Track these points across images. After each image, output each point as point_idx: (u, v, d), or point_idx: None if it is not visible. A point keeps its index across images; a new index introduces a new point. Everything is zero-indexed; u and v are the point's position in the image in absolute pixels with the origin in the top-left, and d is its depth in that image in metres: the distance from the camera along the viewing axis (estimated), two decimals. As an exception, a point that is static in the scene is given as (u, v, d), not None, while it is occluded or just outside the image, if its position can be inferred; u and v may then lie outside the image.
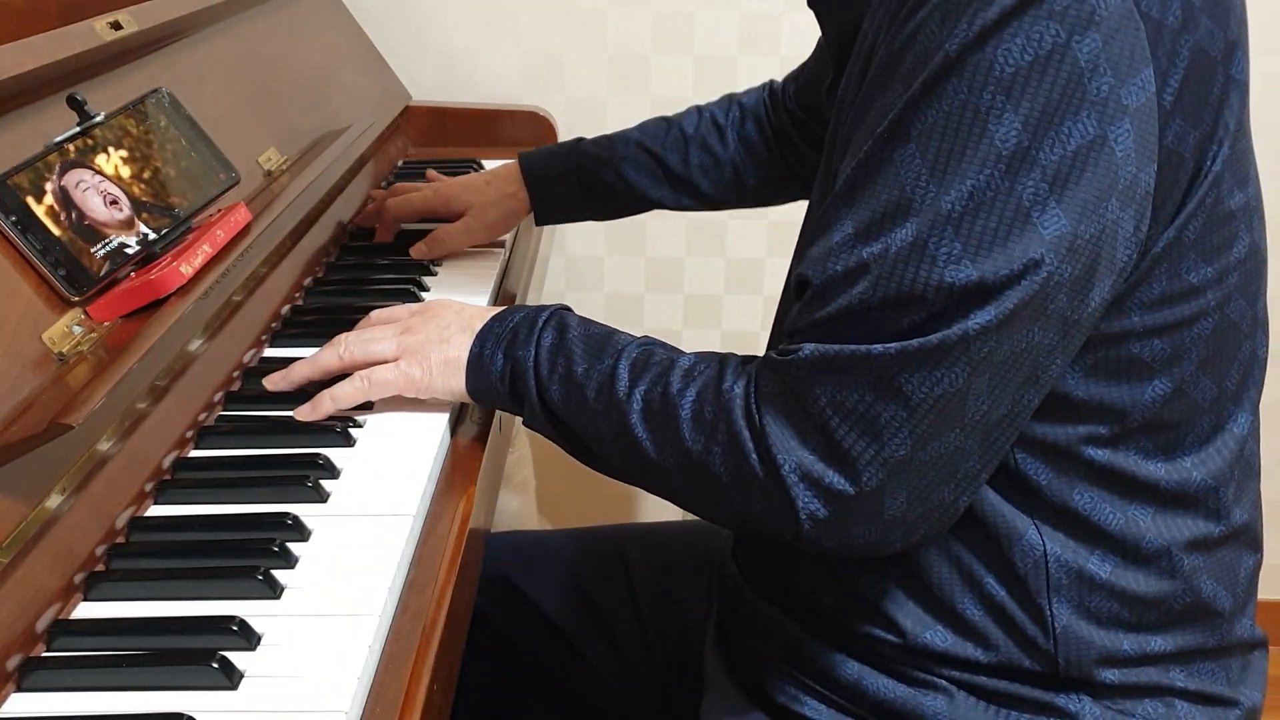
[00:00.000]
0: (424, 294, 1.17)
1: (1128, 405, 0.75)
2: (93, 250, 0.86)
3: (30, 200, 0.83)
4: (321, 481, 0.83)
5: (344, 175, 1.32)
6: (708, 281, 1.90)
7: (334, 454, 0.86)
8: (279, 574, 0.73)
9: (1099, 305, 0.70)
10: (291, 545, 0.76)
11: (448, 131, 1.68)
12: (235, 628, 0.68)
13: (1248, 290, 0.77)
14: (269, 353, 1.03)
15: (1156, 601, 0.79)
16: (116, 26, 0.99)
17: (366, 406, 0.92)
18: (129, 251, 0.90)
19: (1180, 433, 0.78)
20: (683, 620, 1.04)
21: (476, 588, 0.88)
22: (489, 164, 1.58)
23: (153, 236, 0.93)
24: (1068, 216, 0.67)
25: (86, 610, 0.71)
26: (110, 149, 0.94)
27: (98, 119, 0.93)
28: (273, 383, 0.94)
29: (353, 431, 0.90)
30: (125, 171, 0.94)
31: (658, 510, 1.92)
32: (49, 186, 0.86)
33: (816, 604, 0.85)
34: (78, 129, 0.91)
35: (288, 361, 0.96)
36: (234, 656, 0.66)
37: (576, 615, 1.07)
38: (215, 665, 0.65)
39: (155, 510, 0.81)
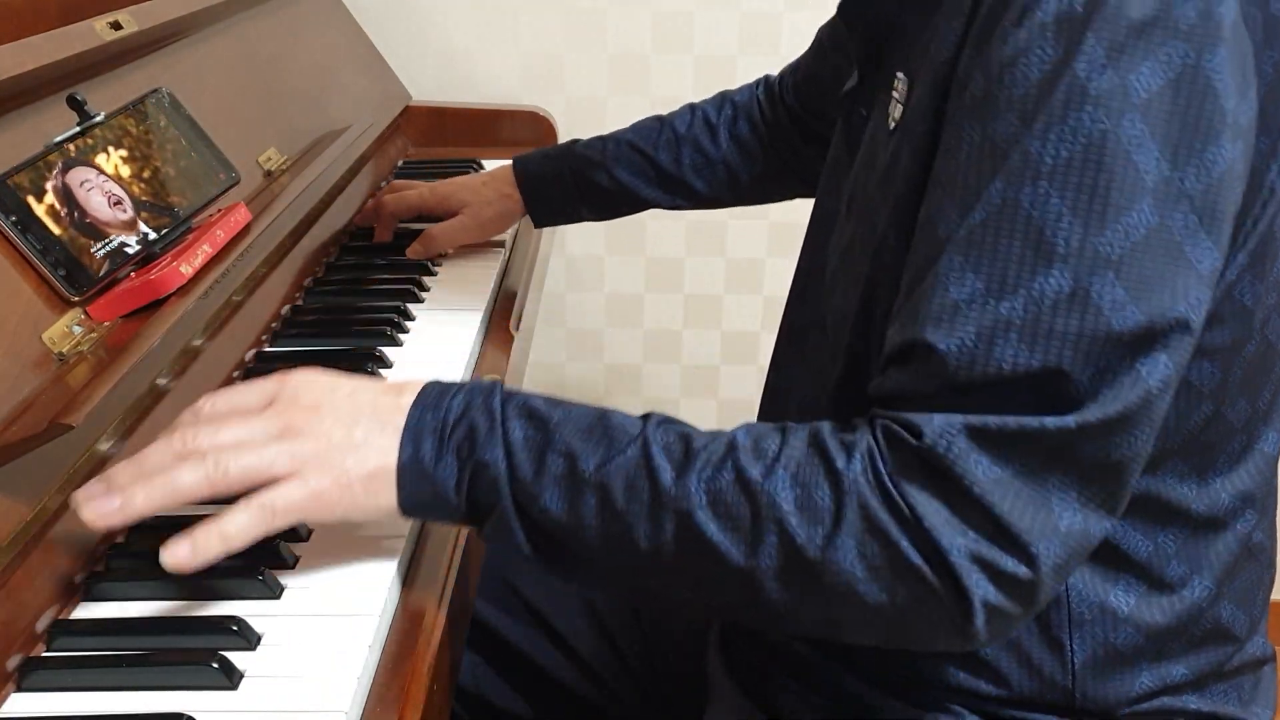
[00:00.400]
0: (424, 294, 1.17)
1: (1172, 429, 0.72)
2: (93, 250, 0.86)
3: (30, 200, 0.83)
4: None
5: (344, 175, 1.32)
6: (708, 281, 1.90)
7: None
8: (279, 574, 0.73)
9: None
10: (291, 545, 0.76)
11: (448, 131, 1.68)
12: (235, 628, 0.68)
13: None
14: (270, 350, 1.03)
15: (1178, 630, 0.76)
16: (116, 26, 0.99)
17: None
18: (129, 251, 0.90)
19: (1214, 454, 0.74)
20: (684, 625, 1.04)
21: (477, 588, 0.88)
22: (489, 164, 1.58)
23: (153, 236, 0.93)
24: (1217, 248, 0.63)
25: (86, 610, 0.71)
26: (110, 149, 0.94)
27: (98, 119, 0.93)
28: (99, 515, 0.68)
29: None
30: (125, 171, 0.94)
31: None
32: (50, 186, 0.86)
33: None
34: (78, 129, 0.91)
35: (288, 360, 0.95)
36: (234, 656, 0.66)
37: (577, 619, 1.06)
38: (215, 665, 0.65)
39: (155, 510, 0.81)
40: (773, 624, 0.71)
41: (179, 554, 0.67)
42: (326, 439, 0.70)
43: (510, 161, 1.28)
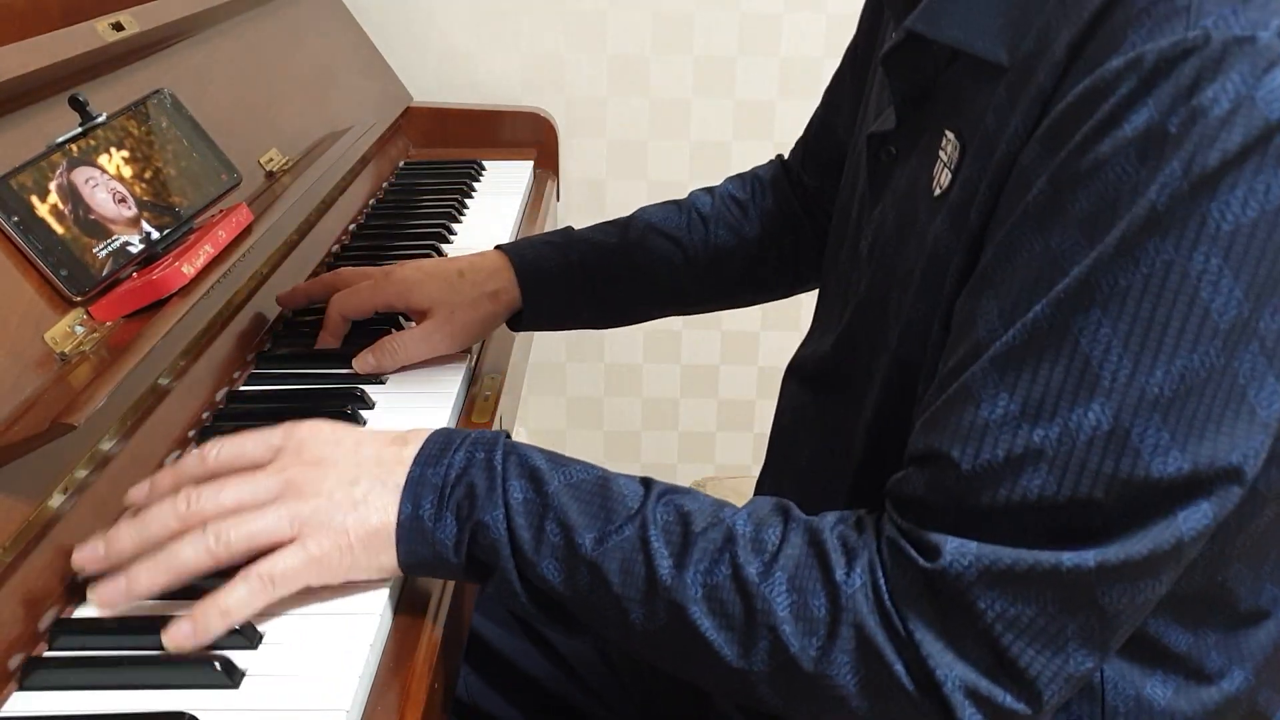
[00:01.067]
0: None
1: (1233, 535, 0.67)
2: (95, 250, 0.87)
3: (33, 200, 0.84)
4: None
5: (345, 176, 1.32)
6: (708, 282, 1.90)
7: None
8: (281, 573, 0.73)
9: None
10: (293, 545, 0.76)
11: (449, 132, 1.68)
12: (237, 627, 0.68)
13: None
14: (271, 351, 1.03)
15: (1212, 718, 0.73)
16: (118, 27, 0.99)
17: (361, 402, 0.92)
18: (131, 250, 0.90)
19: (1267, 549, 0.70)
20: None
21: (474, 603, 0.87)
22: (490, 165, 1.58)
23: (156, 235, 0.93)
24: None
25: (88, 609, 0.71)
26: (112, 150, 0.94)
27: (100, 120, 0.94)
28: (105, 600, 0.68)
29: (364, 413, 0.90)
30: (127, 172, 0.95)
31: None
32: (53, 186, 0.86)
33: None
34: (80, 129, 0.91)
35: (290, 359, 0.95)
36: (235, 655, 0.66)
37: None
38: (217, 664, 0.65)
39: (157, 510, 0.81)
40: (774, 713, 0.69)
41: (180, 634, 0.66)
42: (328, 497, 0.69)
43: (493, 248, 1.06)
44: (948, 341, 0.66)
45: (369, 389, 0.94)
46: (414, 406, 0.93)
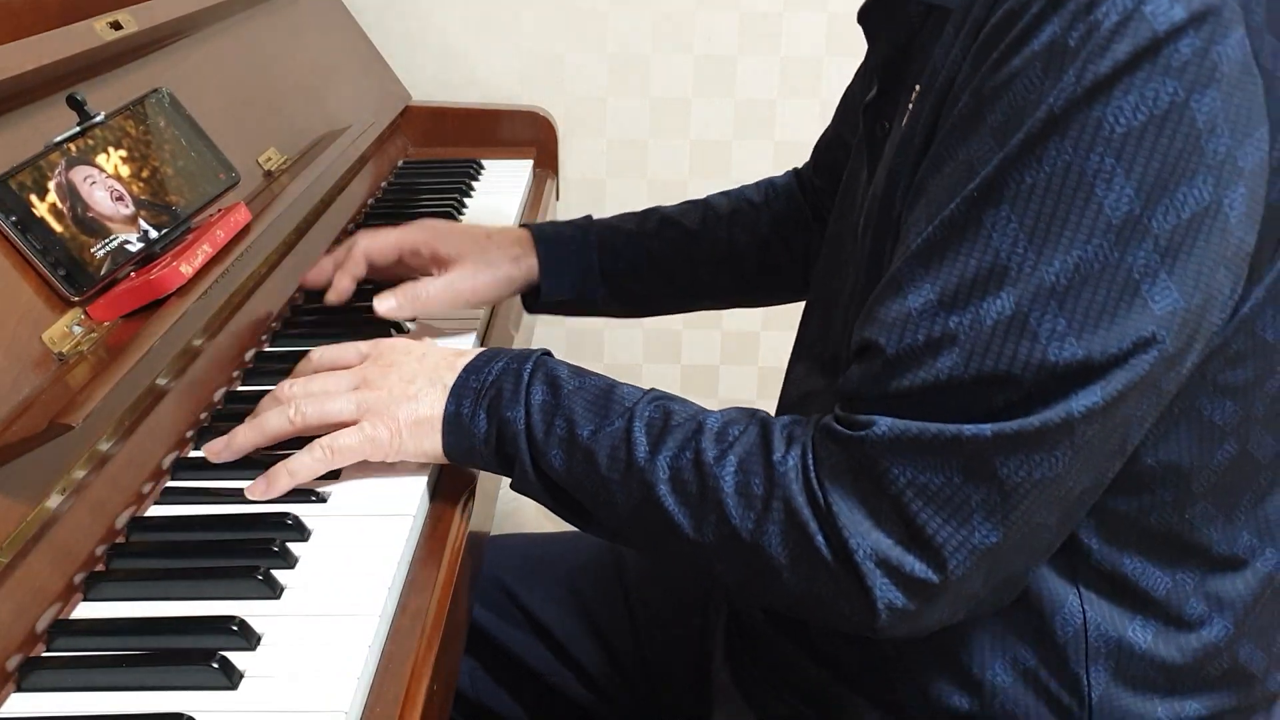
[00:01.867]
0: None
1: (1195, 470, 0.71)
2: (93, 250, 0.86)
3: (30, 200, 0.83)
4: (320, 483, 0.83)
5: (344, 175, 1.32)
6: (708, 281, 1.90)
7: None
8: (279, 574, 0.73)
9: (1189, 372, 0.67)
10: (291, 545, 0.76)
11: (448, 131, 1.68)
12: (235, 628, 0.68)
13: None
14: (270, 350, 1.03)
15: (1195, 667, 0.76)
16: (116, 26, 0.99)
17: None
18: (129, 250, 0.90)
19: (1239, 492, 0.74)
20: (679, 630, 1.04)
21: (475, 595, 0.88)
22: (489, 164, 1.58)
23: (154, 235, 0.93)
24: (1179, 289, 0.62)
25: (86, 610, 0.71)
26: (110, 149, 0.94)
27: (98, 119, 0.93)
28: (214, 453, 0.83)
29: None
30: (125, 171, 0.94)
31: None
32: (50, 185, 0.86)
33: (836, 655, 0.82)
34: (78, 129, 0.91)
35: (289, 359, 0.95)
36: (234, 656, 0.66)
37: (572, 623, 1.06)
38: (215, 665, 0.65)
39: (155, 510, 0.81)
40: (735, 591, 0.77)
41: (256, 488, 0.80)
42: (389, 390, 0.82)
43: (517, 224, 1.14)
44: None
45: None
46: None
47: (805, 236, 1.12)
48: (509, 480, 0.81)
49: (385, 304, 1.00)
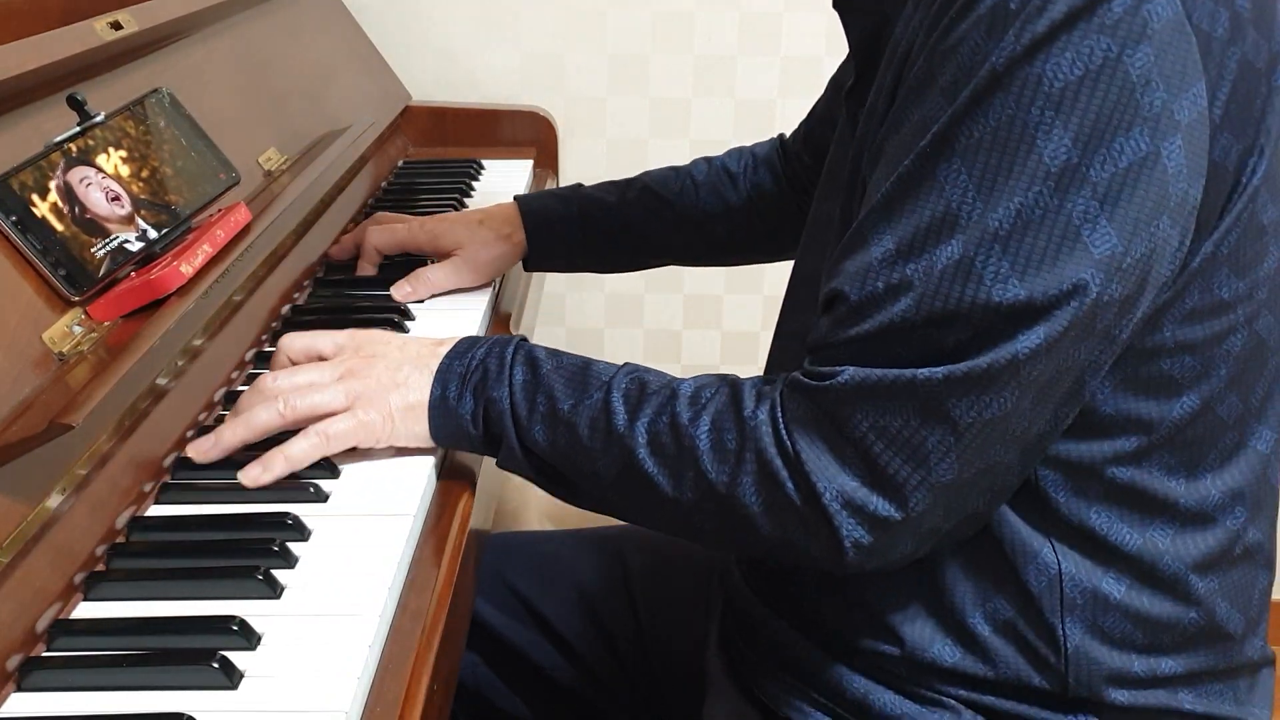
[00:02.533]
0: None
1: (1155, 422, 0.74)
2: (93, 249, 0.86)
3: (31, 200, 0.83)
4: (320, 483, 0.83)
5: (344, 175, 1.32)
6: (708, 281, 1.90)
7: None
8: (279, 574, 0.73)
9: (1140, 321, 0.70)
10: (291, 545, 0.76)
11: (448, 131, 1.68)
12: (235, 628, 0.68)
13: (1277, 306, 0.76)
14: (270, 350, 1.03)
15: (1170, 623, 0.78)
16: (117, 26, 0.99)
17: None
18: (130, 250, 0.90)
19: (1203, 449, 0.77)
20: (682, 625, 1.04)
21: (476, 589, 0.88)
22: (489, 164, 1.58)
23: (153, 235, 0.93)
24: (1118, 235, 0.66)
25: (86, 610, 0.71)
26: (110, 149, 0.94)
27: (98, 119, 0.93)
28: (201, 451, 0.83)
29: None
30: (125, 171, 0.94)
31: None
32: (51, 185, 0.86)
33: (820, 614, 0.84)
34: (78, 129, 0.91)
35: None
36: (234, 656, 0.66)
37: (575, 619, 1.07)
38: (215, 665, 0.65)
39: (155, 510, 0.81)
40: (713, 545, 0.82)
41: (251, 472, 0.81)
42: (376, 379, 0.84)
43: (510, 200, 1.23)
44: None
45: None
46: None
47: (778, 205, 1.20)
48: (495, 460, 0.84)
49: (402, 290, 1.13)
